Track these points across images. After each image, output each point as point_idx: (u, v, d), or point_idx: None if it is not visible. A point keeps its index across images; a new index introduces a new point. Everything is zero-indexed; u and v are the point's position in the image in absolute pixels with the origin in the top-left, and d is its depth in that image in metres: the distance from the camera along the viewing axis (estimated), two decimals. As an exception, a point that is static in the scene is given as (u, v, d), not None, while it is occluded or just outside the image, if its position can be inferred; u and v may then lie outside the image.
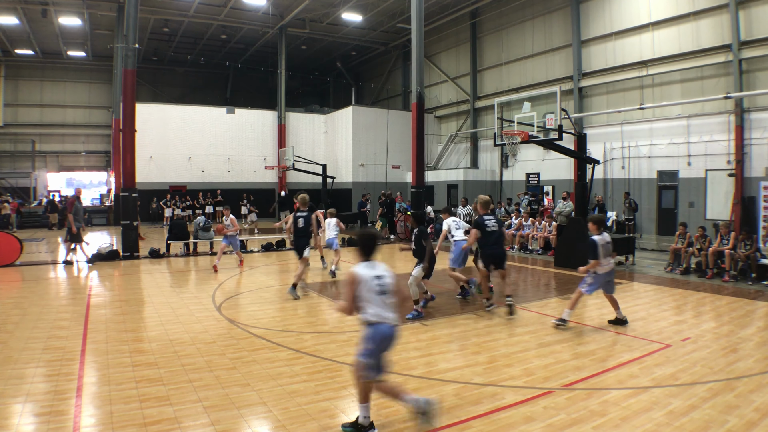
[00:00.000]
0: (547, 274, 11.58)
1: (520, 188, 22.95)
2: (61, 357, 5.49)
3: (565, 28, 21.33)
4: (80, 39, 27.90)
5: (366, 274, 3.67)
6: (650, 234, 18.12)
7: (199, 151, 27.92)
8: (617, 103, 19.23)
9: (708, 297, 8.81)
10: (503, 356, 5.62)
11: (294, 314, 7.71)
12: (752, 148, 15.31)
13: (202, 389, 4.60)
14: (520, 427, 3.93)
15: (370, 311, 3.64)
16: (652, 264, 12.60)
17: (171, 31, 28.18)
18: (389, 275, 3.75)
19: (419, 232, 7.45)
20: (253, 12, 25.63)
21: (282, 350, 5.80)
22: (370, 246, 3.80)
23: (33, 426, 3.89)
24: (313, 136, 30.52)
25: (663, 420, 4.01)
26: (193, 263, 12.99)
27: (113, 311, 7.69)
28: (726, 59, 15.71)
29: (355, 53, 33.92)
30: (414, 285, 7.24)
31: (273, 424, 3.97)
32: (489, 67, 25.58)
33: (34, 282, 10.26)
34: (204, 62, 33.94)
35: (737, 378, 4.92)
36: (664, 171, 17.88)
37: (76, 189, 13.56)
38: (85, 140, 32.30)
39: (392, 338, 3.70)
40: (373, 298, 3.64)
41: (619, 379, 4.93)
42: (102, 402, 4.31)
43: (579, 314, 7.43)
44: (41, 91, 31.22)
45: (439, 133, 29.47)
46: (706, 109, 16.50)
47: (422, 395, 4.44)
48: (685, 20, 16.95)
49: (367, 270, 3.70)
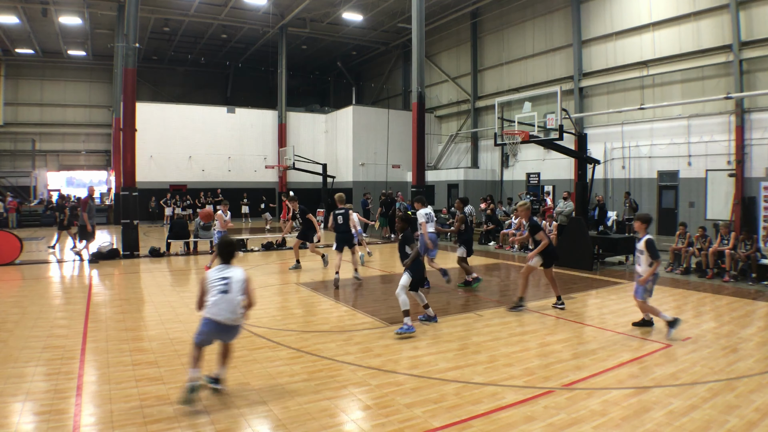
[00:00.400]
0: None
1: (521, 188, 22.95)
2: (61, 356, 5.49)
3: (565, 28, 21.33)
4: (80, 38, 27.89)
5: (214, 276, 4.27)
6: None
7: (200, 151, 27.92)
8: (618, 103, 19.23)
9: (708, 297, 8.80)
10: (503, 356, 5.61)
11: (294, 313, 7.71)
12: (752, 149, 15.31)
13: (202, 388, 4.59)
14: (521, 426, 3.93)
15: (208, 306, 4.22)
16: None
17: (171, 31, 28.17)
18: (240, 279, 4.28)
19: (404, 238, 6.73)
20: (254, 11, 25.62)
21: (282, 349, 5.80)
22: (225, 252, 4.38)
23: (33, 425, 3.89)
24: (314, 135, 30.52)
25: (663, 420, 4.01)
26: (194, 262, 12.99)
27: (113, 310, 7.69)
28: (726, 59, 15.71)
29: (355, 53, 33.92)
30: (402, 294, 6.40)
31: (273, 423, 3.97)
32: (489, 67, 25.58)
33: (34, 281, 10.26)
34: (204, 62, 33.95)
35: (737, 378, 4.92)
36: (665, 171, 17.88)
37: (89, 188, 13.69)
38: (86, 139, 32.31)
39: (220, 331, 4.23)
40: (214, 296, 4.19)
41: (620, 378, 4.93)
42: (102, 401, 4.31)
43: (582, 314, 7.42)
44: (41, 90, 31.21)
45: (440, 133, 29.47)
46: (707, 110, 16.50)
47: (422, 395, 4.46)
48: (685, 20, 16.95)
49: (216, 272, 4.29)
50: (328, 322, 7.10)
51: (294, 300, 8.73)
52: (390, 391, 4.59)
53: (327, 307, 8.03)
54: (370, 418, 4.06)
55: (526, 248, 15.16)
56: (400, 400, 4.37)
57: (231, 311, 4.21)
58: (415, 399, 4.40)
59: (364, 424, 3.97)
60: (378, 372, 5.08)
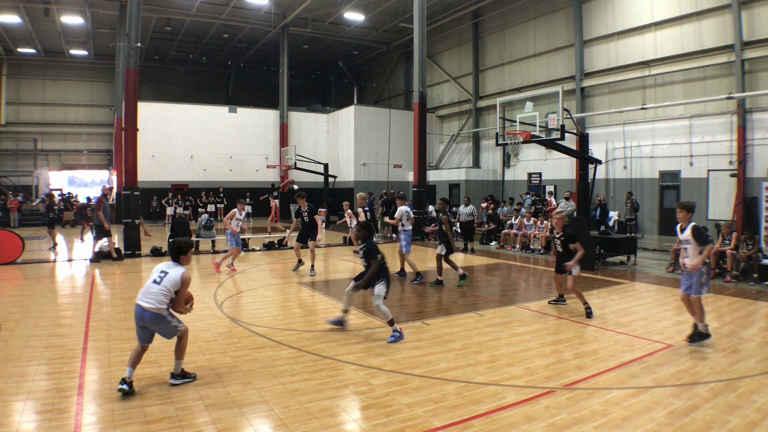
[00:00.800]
0: (548, 273, 11.55)
1: (522, 188, 22.93)
2: (63, 355, 5.50)
3: (567, 28, 21.30)
4: (82, 38, 27.92)
5: (157, 268, 4.72)
6: (652, 234, 18.09)
7: (201, 150, 27.93)
8: (619, 103, 19.21)
9: (710, 297, 8.78)
10: (505, 355, 5.61)
11: (295, 313, 7.72)
12: (754, 149, 15.28)
13: (204, 387, 4.61)
14: (522, 426, 3.93)
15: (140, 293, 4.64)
16: (654, 264, 12.58)
17: (173, 30, 28.19)
18: (174, 276, 4.60)
19: (366, 250, 6.26)
20: (256, 11, 25.63)
21: (283, 349, 5.81)
22: (172, 251, 4.81)
23: (34, 424, 3.89)
24: (315, 135, 30.52)
25: (664, 420, 4.01)
26: (195, 262, 12.99)
27: (115, 309, 7.70)
28: (728, 59, 15.67)
29: (357, 52, 33.91)
30: (381, 305, 6.10)
31: (274, 423, 3.97)
32: (491, 67, 25.56)
33: (36, 280, 10.28)
34: (206, 61, 33.95)
35: (739, 378, 4.91)
36: (666, 171, 17.85)
37: (103, 187, 13.77)
38: (87, 139, 32.33)
39: (141, 316, 4.54)
40: (148, 285, 4.62)
41: (621, 378, 4.93)
42: (103, 400, 4.32)
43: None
44: (43, 89, 31.25)
45: (441, 133, 29.45)
46: (709, 110, 16.47)
47: (423, 394, 4.46)
48: (687, 20, 16.91)
49: (161, 266, 4.73)
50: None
51: (295, 299, 8.74)
52: (391, 390, 4.60)
53: (328, 307, 8.03)
54: (371, 418, 4.06)
55: (527, 248, 15.17)
56: (401, 400, 4.37)
57: (148, 296, 4.55)
58: (416, 399, 4.40)
59: (365, 423, 3.98)
60: (379, 371, 5.08)
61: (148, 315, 4.51)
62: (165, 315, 4.57)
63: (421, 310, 7.84)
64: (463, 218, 15.68)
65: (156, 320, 4.54)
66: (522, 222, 15.72)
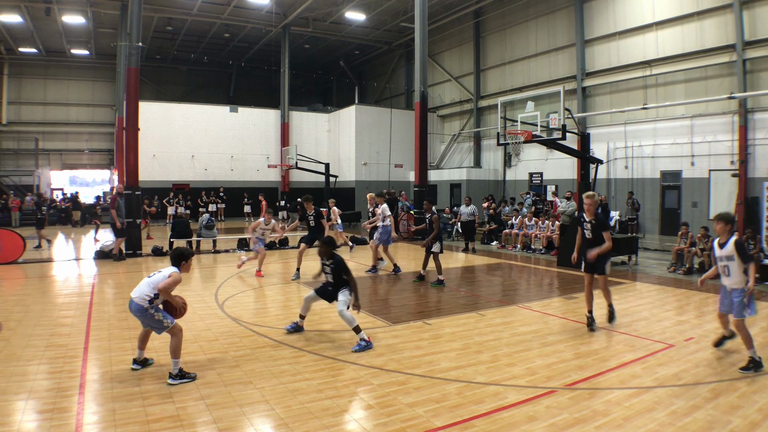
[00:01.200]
0: (549, 273, 11.57)
1: (523, 188, 22.92)
2: (64, 354, 5.50)
3: (568, 28, 21.29)
4: (84, 37, 27.94)
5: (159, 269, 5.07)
6: (653, 234, 18.07)
7: (202, 150, 27.96)
8: (621, 102, 19.19)
9: (711, 297, 8.77)
10: (506, 355, 5.61)
11: (297, 312, 7.69)
12: (756, 149, 15.26)
13: (205, 387, 4.61)
14: (523, 426, 3.93)
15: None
16: (655, 264, 12.57)
17: (174, 30, 28.22)
18: (164, 274, 4.89)
19: (338, 266, 6.05)
20: (257, 11, 25.64)
21: (284, 348, 5.81)
22: (174, 256, 5.11)
23: (35, 423, 3.90)
24: (316, 134, 30.53)
25: (666, 420, 4.00)
26: (196, 261, 13.00)
27: (116, 309, 7.70)
28: (730, 59, 15.65)
29: (358, 52, 33.92)
30: (345, 312, 5.88)
31: (275, 422, 3.97)
32: (492, 67, 25.54)
33: (37, 279, 10.29)
34: (207, 61, 33.98)
35: (740, 378, 4.90)
36: (668, 171, 17.84)
37: (117, 186, 13.73)
38: (89, 138, 32.37)
39: (132, 307, 4.84)
40: (142, 281, 4.95)
41: (622, 378, 4.92)
42: (104, 399, 4.32)
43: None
44: (44, 89, 31.29)
45: (442, 132, 29.44)
46: (710, 110, 16.45)
47: (424, 394, 4.46)
48: (689, 20, 16.89)
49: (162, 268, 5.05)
50: (330, 321, 7.10)
51: (296, 299, 8.73)
52: (392, 390, 4.60)
53: (329, 306, 8.01)
54: (373, 418, 4.06)
55: (528, 248, 15.15)
56: (403, 400, 4.37)
57: (137, 288, 4.87)
58: (417, 398, 4.40)
59: (366, 423, 3.98)
60: (380, 371, 5.08)
61: (134, 305, 4.82)
62: (146, 307, 4.79)
63: (423, 310, 7.84)
64: (464, 218, 15.67)
65: (139, 311, 4.81)
66: (523, 222, 15.71)
